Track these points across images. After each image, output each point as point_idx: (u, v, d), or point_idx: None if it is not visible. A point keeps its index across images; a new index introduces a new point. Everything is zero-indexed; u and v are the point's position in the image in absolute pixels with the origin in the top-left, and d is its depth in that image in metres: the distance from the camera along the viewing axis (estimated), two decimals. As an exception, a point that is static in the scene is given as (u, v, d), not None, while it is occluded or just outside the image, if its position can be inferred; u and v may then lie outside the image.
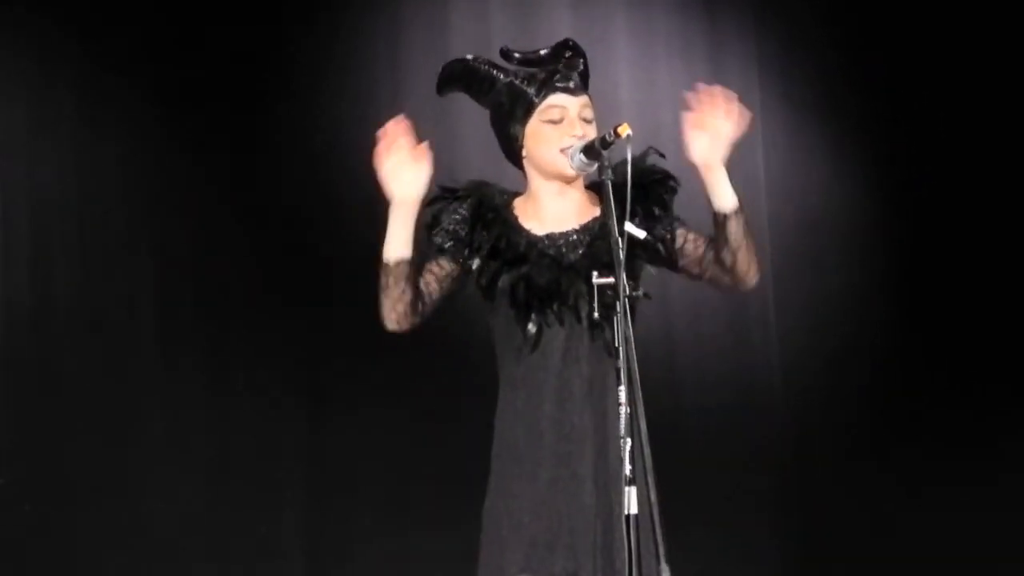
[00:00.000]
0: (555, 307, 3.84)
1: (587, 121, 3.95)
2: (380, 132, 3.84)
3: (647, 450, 3.53)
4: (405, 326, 3.89)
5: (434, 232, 3.93)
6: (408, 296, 3.85)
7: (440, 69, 4.07)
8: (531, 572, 3.79)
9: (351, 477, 6.02)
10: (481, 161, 4.46)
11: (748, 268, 3.92)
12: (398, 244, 3.83)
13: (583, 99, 3.96)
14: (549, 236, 3.93)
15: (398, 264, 3.83)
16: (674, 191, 4.01)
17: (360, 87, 6.19)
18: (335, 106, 6.14)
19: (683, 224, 3.99)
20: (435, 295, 3.93)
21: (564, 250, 3.90)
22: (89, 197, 5.82)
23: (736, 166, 6.65)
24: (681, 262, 3.99)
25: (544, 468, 3.83)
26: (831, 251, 6.86)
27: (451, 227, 3.92)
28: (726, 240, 3.89)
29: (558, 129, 3.92)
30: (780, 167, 6.80)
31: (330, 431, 6.01)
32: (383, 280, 3.84)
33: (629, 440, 3.55)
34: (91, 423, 5.72)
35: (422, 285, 3.91)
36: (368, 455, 6.01)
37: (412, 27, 6.27)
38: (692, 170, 3.92)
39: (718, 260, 3.92)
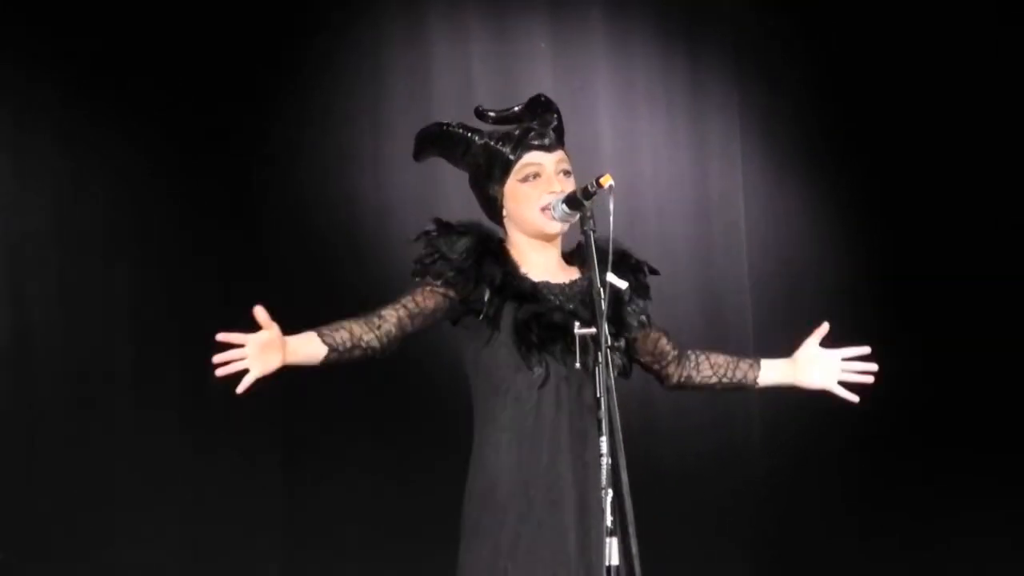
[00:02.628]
0: (559, 349, 3.84)
1: (566, 175, 3.97)
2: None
3: (628, 501, 3.53)
4: (385, 356, 3.87)
5: (433, 260, 3.89)
6: (365, 344, 3.81)
7: (415, 136, 4.07)
8: None
9: (329, 532, 5.98)
10: (460, 210, 4.45)
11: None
12: (307, 360, 3.84)
13: (558, 154, 3.98)
14: (545, 284, 3.94)
15: (327, 361, 3.82)
16: (645, 275, 4.07)
17: (342, 137, 6.19)
18: (317, 156, 6.13)
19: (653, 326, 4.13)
20: (406, 328, 3.87)
21: (562, 298, 3.91)
22: (67, 243, 5.80)
23: (717, 215, 6.76)
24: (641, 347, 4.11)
25: (530, 515, 3.81)
26: (812, 301, 6.87)
27: (453, 257, 3.88)
28: (719, 387, 4.24)
29: (536, 186, 3.94)
30: (761, 217, 6.82)
31: (307, 485, 5.98)
32: None
33: (610, 491, 3.55)
34: (64, 476, 5.68)
35: (397, 317, 3.84)
36: (346, 509, 5.98)
37: (393, 77, 6.27)
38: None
39: (687, 378, 4.22)
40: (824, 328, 4.23)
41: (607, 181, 3.73)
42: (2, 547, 5.57)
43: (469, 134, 4.00)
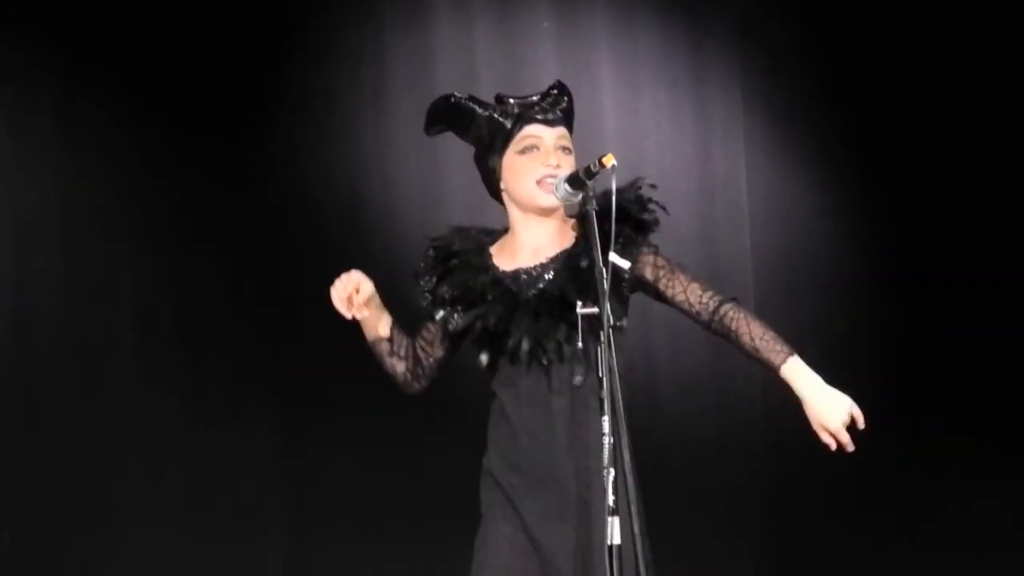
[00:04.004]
0: (505, 344, 3.86)
1: (566, 151, 3.95)
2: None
3: (631, 480, 3.53)
4: (412, 391, 4.11)
5: (420, 295, 4.00)
6: (401, 367, 4.07)
7: (427, 109, 4.08)
8: None
9: (330, 507, 5.99)
10: (463, 192, 4.46)
11: None
12: (368, 330, 4.06)
13: (559, 130, 3.96)
14: (516, 272, 3.93)
15: (374, 344, 4.07)
16: (654, 220, 3.99)
17: (344, 116, 6.18)
18: (319, 138, 6.12)
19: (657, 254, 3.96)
20: (435, 358, 4.06)
21: (526, 286, 3.90)
22: (70, 227, 5.80)
23: (720, 195, 6.76)
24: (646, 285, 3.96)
25: (527, 496, 3.84)
26: (815, 278, 6.87)
27: (428, 287, 3.99)
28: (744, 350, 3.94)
29: (534, 159, 3.92)
30: (763, 197, 6.81)
31: (307, 461, 5.99)
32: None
33: (612, 471, 3.54)
34: (69, 453, 5.69)
35: (419, 351, 4.06)
36: (346, 484, 5.99)
37: (396, 58, 6.26)
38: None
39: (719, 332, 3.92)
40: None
41: (609, 161, 3.70)
42: (5, 528, 5.59)
43: (474, 105, 3.99)
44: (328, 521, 5.99)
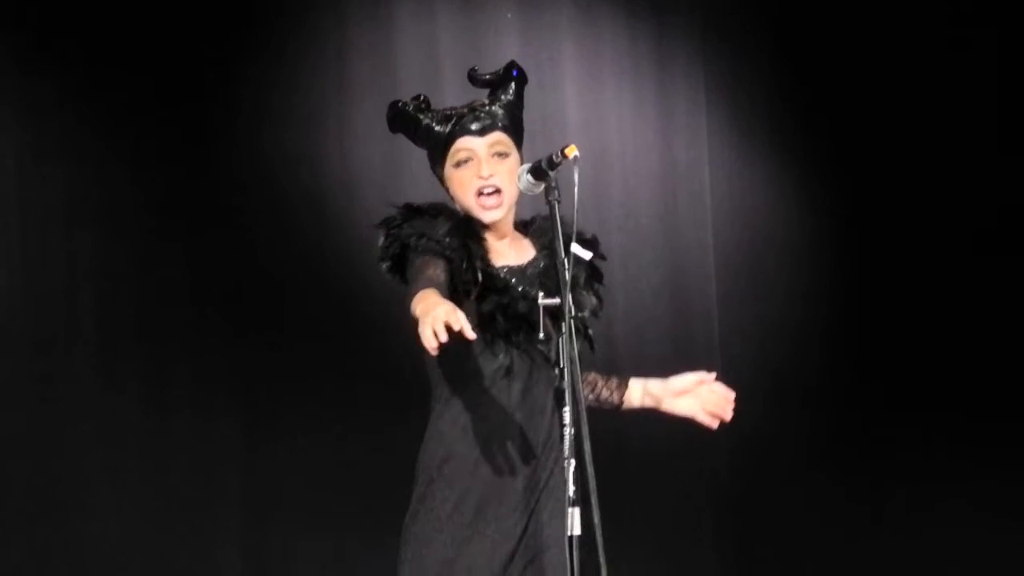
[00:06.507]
0: (522, 338, 3.83)
1: (501, 157, 3.94)
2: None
3: (591, 470, 3.53)
4: None
5: (425, 240, 3.82)
6: None
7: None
8: None
9: (287, 495, 5.98)
10: (425, 185, 4.42)
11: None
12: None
13: (492, 137, 3.94)
14: (508, 269, 3.92)
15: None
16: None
17: (307, 109, 6.17)
18: (282, 133, 6.11)
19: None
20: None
21: (525, 283, 3.89)
22: (30, 219, 5.78)
23: (683, 186, 6.78)
24: None
25: (473, 492, 3.82)
26: (776, 272, 6.89)
27: (442, 239, 3.83)
28: (598, 400, 4.11)
29: (468, 171, 3.91)
30: (725, 187, 6.84)
31: (266, 449, 5.98)
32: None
33: (573, 461, 3.55)
34: (26, 444, 5.67)
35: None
36: (305, 473, 5.98)
37: (358, 49, 6.25)
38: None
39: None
40: (711, 376, 4.19)
41: (572, 151, 3.69)
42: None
43: (419, 114, 3.98)
44: (289, 515, 5.99)
